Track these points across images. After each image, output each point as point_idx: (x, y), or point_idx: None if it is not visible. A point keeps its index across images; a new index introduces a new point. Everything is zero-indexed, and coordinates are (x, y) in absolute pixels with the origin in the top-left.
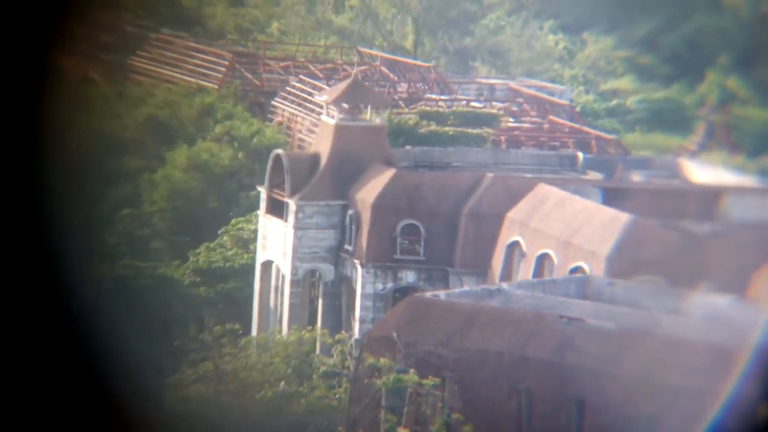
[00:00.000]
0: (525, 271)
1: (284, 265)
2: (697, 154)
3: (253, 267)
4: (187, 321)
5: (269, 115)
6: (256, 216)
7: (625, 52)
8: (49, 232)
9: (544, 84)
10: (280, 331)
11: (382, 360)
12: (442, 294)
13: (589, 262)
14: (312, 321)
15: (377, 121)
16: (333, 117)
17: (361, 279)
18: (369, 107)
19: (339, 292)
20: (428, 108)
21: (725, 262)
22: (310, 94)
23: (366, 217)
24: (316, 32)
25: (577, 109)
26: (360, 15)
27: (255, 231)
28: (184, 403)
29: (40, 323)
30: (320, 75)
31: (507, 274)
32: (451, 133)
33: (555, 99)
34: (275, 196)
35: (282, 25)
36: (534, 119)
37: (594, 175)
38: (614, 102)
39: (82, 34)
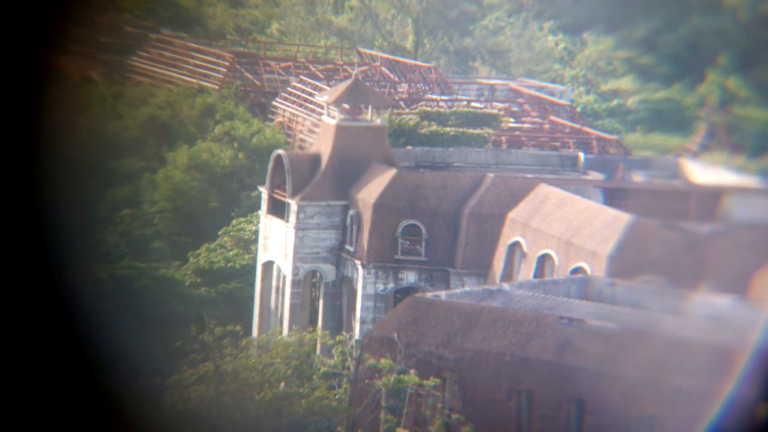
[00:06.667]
0: (526, 272)
1: (285, 265)
2: (698, 154)
3: (253, 267)
4: (187, 321)
5: (270, 116)
6: (257, 216)
7: (626, 53)
8: (49, 233)
9: (544, 84)
10: (281, 332)
11: (382, 360)
12: (443, 294)
13: (590, 262)
14: (313, 322)
15: (378, 121)
16: (334, 117)
17: (362, 279)
18: (370, 107)
19: (340, 292)
20: (429, 108)
21: (726, 263)
22: (310, 94)
23: (367, 217)
24: (316, 33)
25: (578, 109)
26: (360, 16)
27: (256, 231)
28: (185, 404)
29: (41, 323)
30: (321, 75)
31: (508, 275)
32: (452, 133)
33: (555, 99)
34: (276, 196)
35: (282, 25)
36: (535, 119)
37: (595, 176)
38: (615, 102)
39: (82, 34)
